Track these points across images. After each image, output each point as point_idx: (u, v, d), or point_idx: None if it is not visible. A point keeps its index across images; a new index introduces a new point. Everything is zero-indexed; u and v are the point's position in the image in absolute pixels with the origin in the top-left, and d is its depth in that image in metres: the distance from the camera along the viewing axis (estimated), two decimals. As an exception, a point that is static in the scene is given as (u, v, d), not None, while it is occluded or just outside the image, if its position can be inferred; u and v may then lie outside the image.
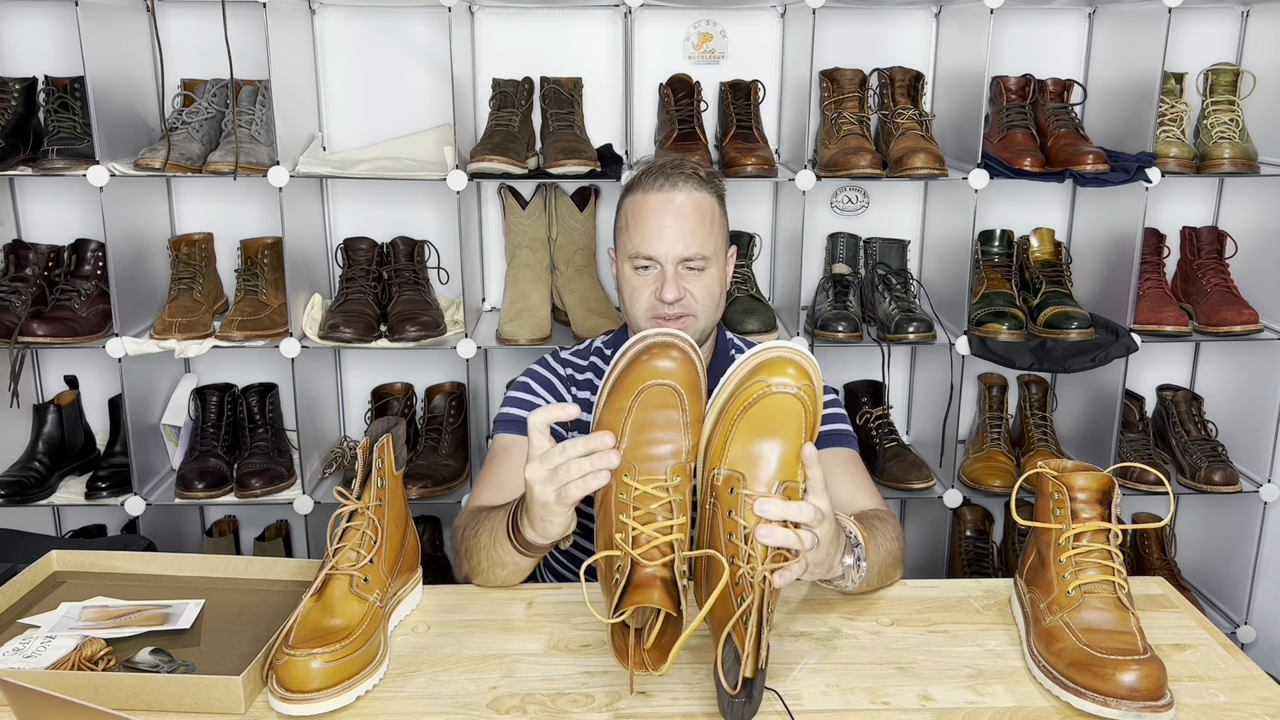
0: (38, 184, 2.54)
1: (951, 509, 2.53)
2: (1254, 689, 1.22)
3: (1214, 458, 2.54)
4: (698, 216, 1.61)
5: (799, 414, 1.15)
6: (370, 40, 2.55)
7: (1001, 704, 1.18)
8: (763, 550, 1.13)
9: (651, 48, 2.57)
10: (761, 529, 1.13)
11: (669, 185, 1.61)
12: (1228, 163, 2.39)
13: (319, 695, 1.13)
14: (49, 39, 2.47)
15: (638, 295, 1.63)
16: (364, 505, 1.25)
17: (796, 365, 1.15)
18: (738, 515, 1.15)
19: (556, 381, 1.74)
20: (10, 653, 1.23)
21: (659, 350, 1.18)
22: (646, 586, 1.14)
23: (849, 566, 1.29)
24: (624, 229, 1.65)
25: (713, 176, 1.67)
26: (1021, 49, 2.59)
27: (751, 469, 1.16)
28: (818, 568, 1.23)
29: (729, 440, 1.17)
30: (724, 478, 1.17)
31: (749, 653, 1.08)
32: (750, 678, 1.09)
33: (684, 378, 1.19)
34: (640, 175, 1.66)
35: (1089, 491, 1.26)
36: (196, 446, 2.48)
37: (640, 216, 1.62)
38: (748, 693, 1.10)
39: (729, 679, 1.11)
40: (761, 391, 1.15)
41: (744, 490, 1.15)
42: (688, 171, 1.63)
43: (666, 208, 1.60)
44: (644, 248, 1.60)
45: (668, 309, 1.60)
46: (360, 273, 2.47)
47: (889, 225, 2.68)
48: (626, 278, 1.65)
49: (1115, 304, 2.46)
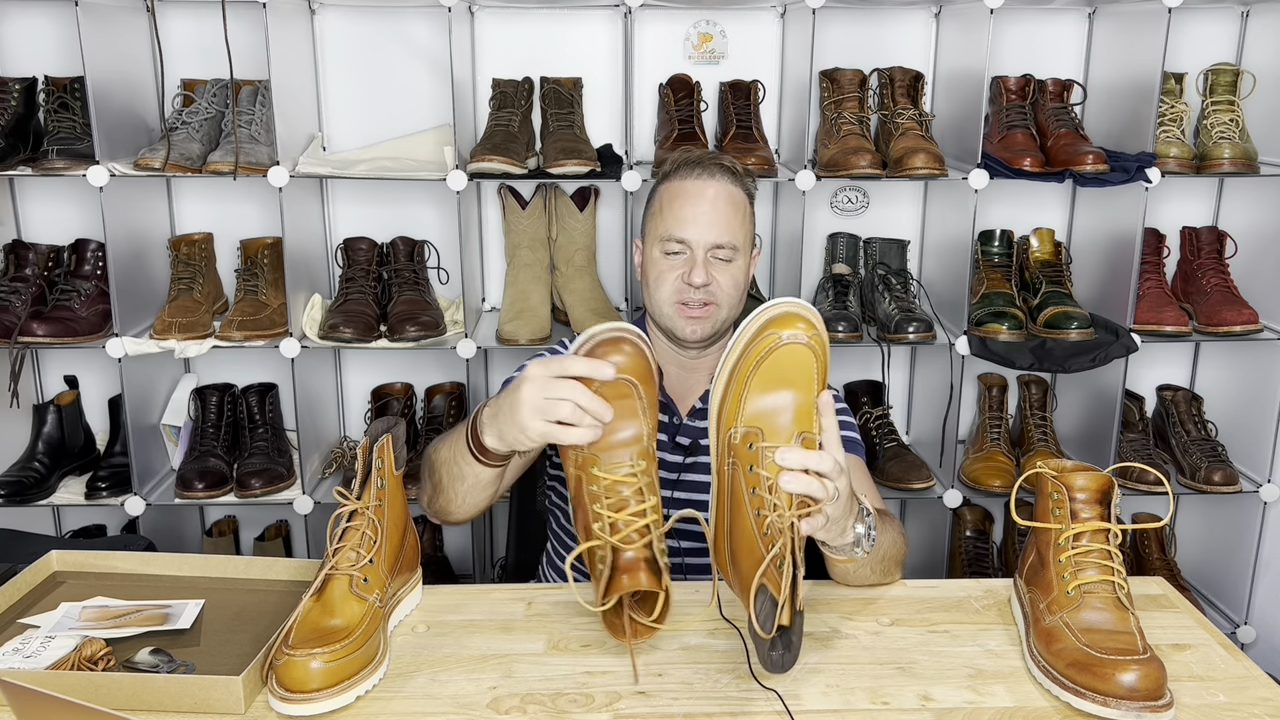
0: (38, 184, 2.54)
1: (951, 509, 2.53)
2: (1254, 689, 1.22)
3: (1214, 458, 2.54)
4: (731, 207, 1.64)
5: (811, 364, 1.17)
6: (370, 40, 2.55)
7: (1001, 704, 1.18)
8: (788, 498, 1.15)
9: (651, 48, 2.57)
10: (785, 476, 1.15)
11: (706, 174, 1.65)
12: (1228, 163, 2.39)
13: (319, 695, 1.13)
14: (49, 39, 2.47)
15: (664, 279, 1.64)
16: (364, 505, 1.25)
17: (804, 319, 1.17)
18: (759, 468, 1.16)
19: None
20: (10, 653, 1.23)
21: (611, 345, 1.23)
22: (632, 570, 1.19)
23: (861, 535, 1.30)
24: (657, 213, 1.67)
25: (747, 173, 1.71)
26: (1021, 49, 2.59)
27: (769, 422, 1.17)
28: (835, 525, 1.24)
29: (744, 397, 1.18)
30: (741, 435, 1.18)
31: (785, 597, 1.09)
32: (787, 626, 1.10)
33: (635, 368, 1.23)
34: (678, 164, 1.69)
35: (1089, 491, 1.26)
36: (196, 446, 2.48)
37: (676, 201, 1.64)
38: (786, 641, 1.12)
39: (765, 627, 1.12)
40: (774, 344, 1.16)
41: (763, 443, 1.16)
42: (725, 164, 1.67)
43: (702, 195, 1.63)
44: (677, 230, 1.62)
45: (694, 294, 1.62)
46: (360, 273, 2.47)
47: (889, 225, 2.68)
48: (654, 261, 1.66)
49: (1115, 304, 2.46)
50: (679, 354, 1.71)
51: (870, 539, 1.31)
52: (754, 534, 1.15)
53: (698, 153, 1.71)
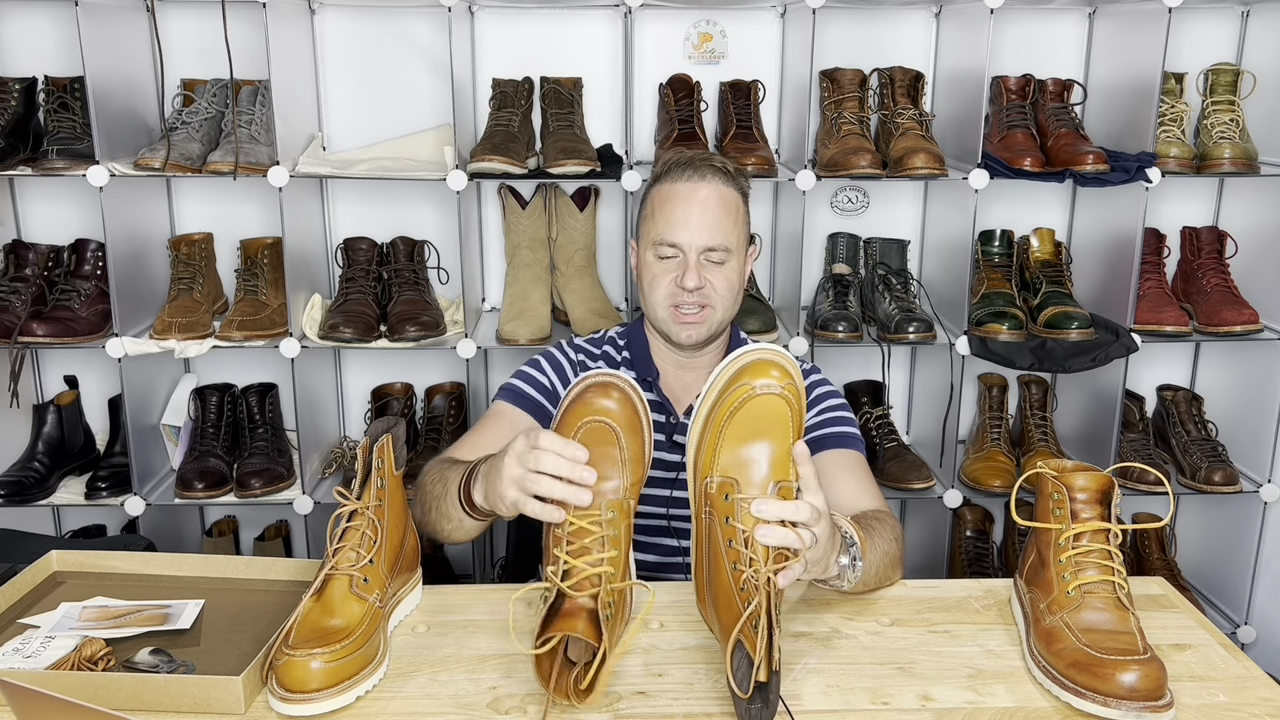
0: (38, 184, 2.54)
1: (951, 509, 2.53)
2: (1254, 689, 1.22)
3: (1214, 458, 2.54)
4: (723, 208, 1.63)
5: (785, 414, 1.16)
6: (370, 40, 2.55)
7: (1001, 704, 1.18)
8: (764, 551, 1.13)
9: (651, 48, 2.57)
10: (760, 530, 1.13)
11: (697, 176, 1.64)
12: (1228, 163, 2.39)
13: (319, 695, 1.13)
14: (49, 39, 2.47)
15: (658, 283, 1.64)
16: (364, 505, 1.25)
17: (779, 366, 1.16)
18: (735, 520, 1.15)
19: (566, 365, 1.75)
20: (10, 653, 1.23)
21: (599, 389, 1.22)
22: (572, 616, 1.16)
23: (845, 566, 1.29)
24: (649, 216, 1.67)
25: (739, 174, 1.70)
26: (1021, 49, 2.59)
27: (744, 473, 1.16)
28: (815, 566, 1.23)
29: (718, 447, 1.17)
30: (718, 485, 1.17)
31: (761, 656, 1.08)
32: (764, 681, 1.08)
33: (622, 417, 1.22)
34: (669, 166, 1.68)
35: (1089, 491, 1.26)
36: (196, 446, 2.48)
37: (667, 204, 1.64)
38: (764, 697, 1.09)
39: (741, 686, 1.11)
40: (746, 395, 1.15)
41: (739, 495, 1.15)
42: (716, 165, 1.66)
43: (693, 197, 1.63)
44: (669, 234, 1.62)
45: (687, 296, 1.62)
46: (360, 273, 2.47)
47: (889, 225, 2.68)
48: (648, 265, 1.66)
49: (1115, 304, 2.46)
50: (676, 354, 1.71)
51: (855, 568, 1.30)
52: (731, 587, 1.14)
53: (689, 154, 1.70)
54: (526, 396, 1.69)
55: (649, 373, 1.71)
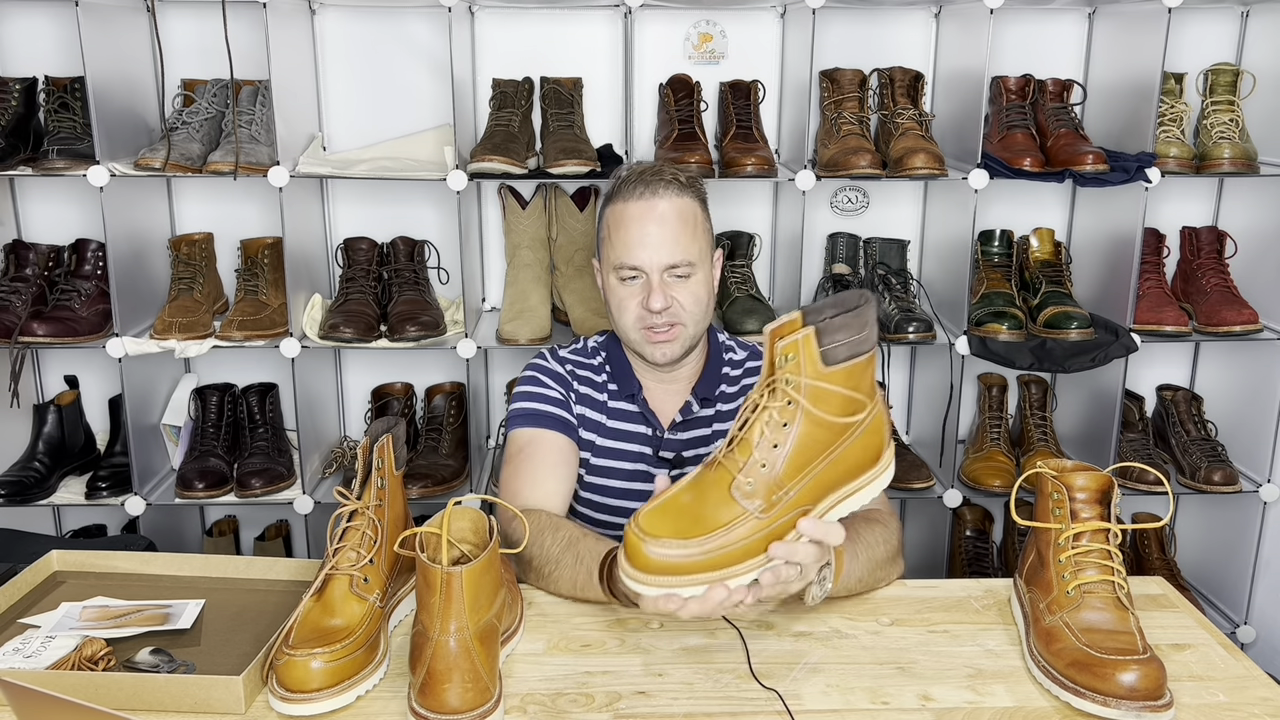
0: (38, 184, 2.54)
1: (951, 509, 2.53)
2: (1254, 689, 1.22)
3: (1214, 458, 2.54)
4: (680, 223, 1.58)
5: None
6: (370, 40, 2.55)
7: (1001, 704, 1.18)
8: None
9: (651, 48, 2.57)
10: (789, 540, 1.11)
11: (649, 193, 1.58)
12: (1227, 163, 2.39)
13: (319, 695, 1.13)
14: (49, 39, 2.47)
15: (625, 307, 1.60)
16: (364, 505, 1.25)
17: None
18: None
19: (563, 373, 1.71)
20: (10, 653, 1.23)
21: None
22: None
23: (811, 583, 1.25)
24: (606, 239, 1.62)
25: (693, 181, 1.64)
26: (1021, 49, 2.59)
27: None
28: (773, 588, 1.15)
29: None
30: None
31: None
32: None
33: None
34: (619, 184, 1.62)
35: (1088, 491, 1.26)
36: (196, 446, 2.48)
37: (622, 226, 1.59)
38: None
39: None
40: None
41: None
42: (667, 178, 1.60)
43: (648, 215, 1.57)
44: (628, 257, 1.58)
45: (656, 318, 1.58)
46: (360, 273, 2.47)
47: (889, 225, 2.68)
48: (613, 289, 1.62)
49: (1115, 304, 2.46)
50: (655, 369, 1.67)
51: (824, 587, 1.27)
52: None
53: (639, 167, 1.63)
54: (545, 415, 1.65)
55: (631, 388, 1.68)
